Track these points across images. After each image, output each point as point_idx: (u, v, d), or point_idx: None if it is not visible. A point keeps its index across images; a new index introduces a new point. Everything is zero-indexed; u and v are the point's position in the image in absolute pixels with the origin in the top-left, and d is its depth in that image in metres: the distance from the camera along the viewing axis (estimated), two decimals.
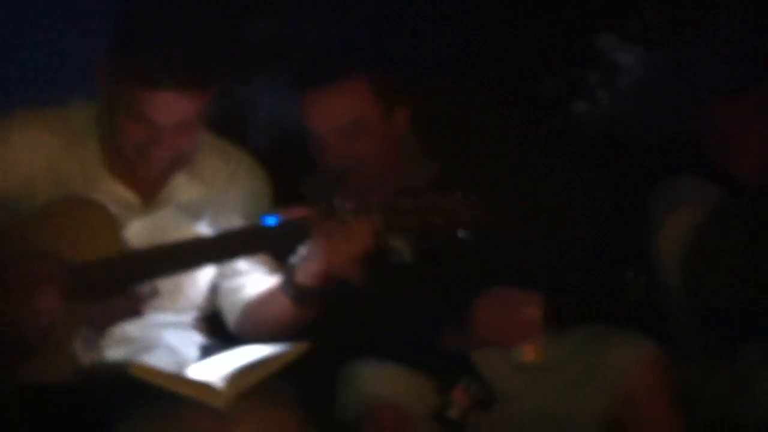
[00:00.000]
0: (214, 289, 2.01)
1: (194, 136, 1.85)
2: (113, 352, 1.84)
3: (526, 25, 2.75)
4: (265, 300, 1.92)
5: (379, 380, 1.81)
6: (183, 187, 1.93)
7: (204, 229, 1.94)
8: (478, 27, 2.66)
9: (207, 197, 1.96)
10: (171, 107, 1.74)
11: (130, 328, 1.85)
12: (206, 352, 1.93)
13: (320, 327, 1.87)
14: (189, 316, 1.98)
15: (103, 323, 1.74)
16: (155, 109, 1.73)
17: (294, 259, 1.82)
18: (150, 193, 1.91)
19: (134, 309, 1.74)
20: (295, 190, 2.07)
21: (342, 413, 1.80)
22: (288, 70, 2.47)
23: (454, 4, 2.64)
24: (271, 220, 1.77)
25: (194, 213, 1.94)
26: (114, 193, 1.87)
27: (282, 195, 2.05)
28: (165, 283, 1.78)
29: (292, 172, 2.13)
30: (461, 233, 1.75)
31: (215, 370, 1.66)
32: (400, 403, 1.77)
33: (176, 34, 1.73)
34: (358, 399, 1.78)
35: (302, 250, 1.79)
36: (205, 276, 1.96)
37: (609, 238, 2.49)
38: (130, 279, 1.71)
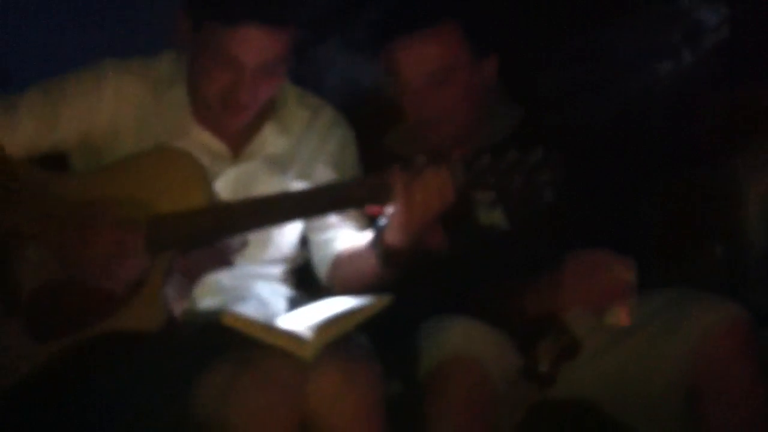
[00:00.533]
0: (305, 242, 2.03)
1: (277, 84, 1.86)
2: (205, 302, 1.87)
3: None
4: (354, 256, 1.93)
5: (462, 335, 1.79)
6: (271, 139, 1.94)
7: (292, 181, 1.96)
8: None
9: (294, 149, 1.96)
10: (254, 44, 1.74)
11: (222, 278, 1.87)
12: (295, 304, 1.94)
13: (406, 281, 1.86)
14: (278, 268, 2.00)
15: (194, 273, 1.76)
16: (239, 47, 1.74)
17: (382, 220, 1.81)
18: (238, 144, 1.92)
19: (225, 260, 1.76)
20: (372, 148, 2.08)
21: (424, 366, 1.79)
22: (362, 26, 2.47)
23: None
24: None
25: (282, 165, 1.95)
26: (202, 143, 1.88)
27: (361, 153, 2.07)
28: (255, 235, 1.79)
29: (369, 131, 2.15)
30: (544, 193, 1.73)
31: (302, 321, 1.67)
32: (481, 358, 1.76)
33: None
34: (440, 353, 1.77)
35: (389, 209, 1.78)
36: (294, 228, 1.98)
37: (690, 201, 2.45)
38: (221, 231, 1.73)
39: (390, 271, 1.84)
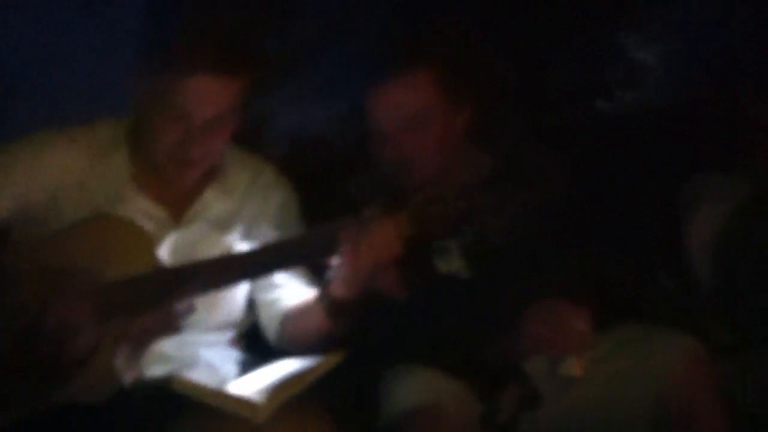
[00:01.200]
0: (252, 303, 2.01)
1: (226, 137, 1.85)
2: (153, 370, 1.83)
3: (549, 22, 2.74)
4: (301, 312, 1.91)
5: (424, 385, 1.80)
6: (213, 202, 1.92)
7: (235, 242, 1.94)
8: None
9: (236, 210, 1.95)
10: (206, 95, 1.73)
11: (169, 345, 1.84)
12: (245, 367, 1.92)
13: (363, 332, 1.86)
14: (227, 333, 1.97)
15: (141, 340, 1.73)
16: (191, 98, 1.73)
17: (329, 272, 1.81)
18: (179, 208, 1.90)
19: (171, 325, 1.73)
20: (319, 200, 2.08)
21: (386, 416, 1.79)
22: (304, 78, 2.49)
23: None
24: None
25: (224, 227, 1.93)
26: (143, 209, 1.86)
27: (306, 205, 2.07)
28: (202, 300, 1.76)
29: (313, 182, 2.15)
30: (492, 238, 1.75)
31: (253, 384, 1.65)
32: (443, 407, 1.76)
33: (208, 24, 1.74)
34: (402, 404, 1.77)
35: (335, 260, 1.78)
36: (241, 291, 1.95)
37: (640, 236, 2.48)
38: (167, 296, 1.70)
39: (339, 323, 1.82)
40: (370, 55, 2.10)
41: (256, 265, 1.75)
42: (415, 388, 1.80)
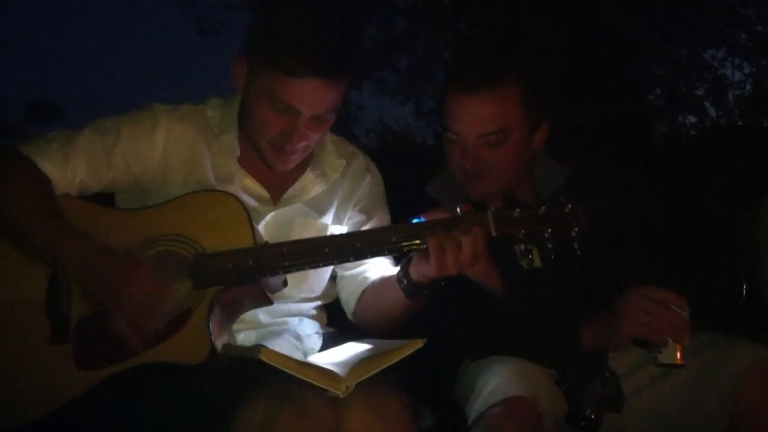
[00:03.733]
0: (336, 278, 2.04)
1: (325, 131, 1.89)
2: (242, 337, 1.89)
3: (635, 35, 2.71)
4: (382, 287, 1.94)
5: (520, 376, 1.78)
6: (309, 185, 1.96)
7: (327, 225, 1.98)
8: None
9: (330, 194, 1.99)
10: (312, 95, 1.78)
11: (259, 314, 1.89)
12: (328, 340, 1.96)
13: (448, 321, 1.87)
14: (313, 305, 2.01)
15: (234, 310, 1.78)
16: (297, 97, 1.78)
17: (412, 255, 1.82)
18: (279, 189, 1.95)
19: (264, 298, 1.77)
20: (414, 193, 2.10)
21: (479, 403, 1.78)
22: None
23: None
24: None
25: (318, 209, 1.98)
26: (246, 187, 1.91)
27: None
28: (292, 274, 1.80)
29: (413, 177, 2.16)
30: (573, 244, 1.73)
31: (336, 360, 1.68)
32: (536, 399, 1.74)
33: (314, 28, 1.77)
34: (498, 392, 1.76)
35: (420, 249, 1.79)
36: (327, 267, 1.98)
37: (715, 248, 2.44)
38: (263, 270, 1.74)
39: (414, 303, 1.85)
40: (455, 62, 2.08)
41: (347, 251, 1.77)
42: (511, 378, 1.78)
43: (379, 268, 1.98)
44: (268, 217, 1.92)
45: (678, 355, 1.73)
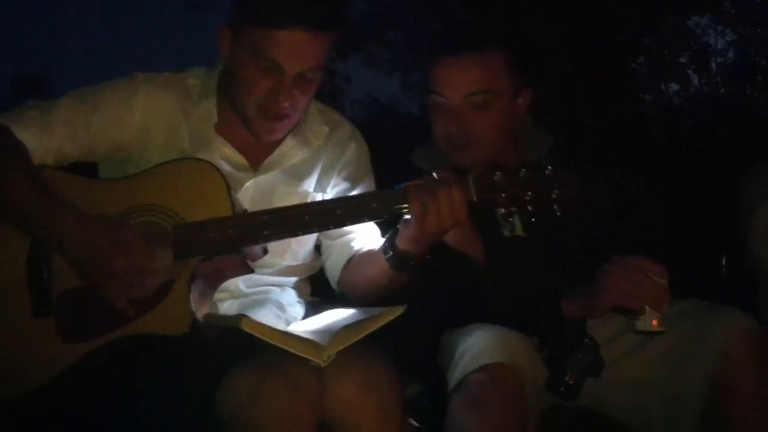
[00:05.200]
0: (321, 247, 2.02)
1: (312, 94, 1.86)
2: (225, 306, 1.87)
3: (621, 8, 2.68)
4: (368, 257, 1.92)
5: (502, 343, 1.77)
6: (290, 152, 1.93)
7: (310, 191, 1.95)
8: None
9: (312, 161, 1.96)
10: (296, 49, 1.76)
11: (241, 283, 1.87)
12: (311, 309, 1.94)
13: (424, 291, 1.86)
14: (295, 275, 1.99)
15: (215, 279, 1.75)
16: (281, 51, 1.75)
17: (397, 226, 1.80)
18: (259, 156, 1.92)
19: (246, 266, 1.74)
20: (398, 162, 2.08)
21: (460, 370, 1.77)
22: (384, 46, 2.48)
23: None
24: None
25: (300, 176, 1.94)
26: (224, 155, 1.88)
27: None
28: (274, 243, 1.77)
29: (396, 145, 2.14)
30: (554, 207, 1.71)
31: (317, 328, 1.66)
32: (518, 366, 1.74)
33: None
34: (479, 358, 1.75)
35: (404, 217, 1.77)
36: (311, 236, 1.96)
37: (701, 221, 2.42)
38: (244, 239, 1.71)
39: (400, 276, 1.83)
40: (442, 30, 2.08)
41: (328, 217, 1.74)
42: (493, 345, 1.77)
43: (366, 236, 1.96)
44: (248, 184, 1.89)
45: (656, 322, 1.73)
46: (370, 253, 1.92)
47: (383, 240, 1.86)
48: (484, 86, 1.94)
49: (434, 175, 1.73)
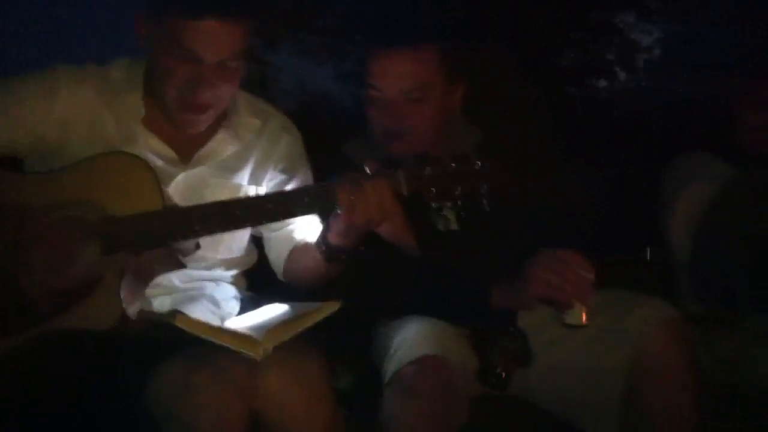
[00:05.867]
0: (259, 241, 2.01)
1: (234, 86, 1.84)
2: (158, 302, 1.84)
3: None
4: (304, 249, 1.93)
5: (431, 335, 1.80)
6: (222, 145, 1.91)
7: (242, 186, 1.93)
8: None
9: (244, 154, 1.94)
10: (212, 37, 1.73)
11: (174, 278, 1.85)
12: (246, 305, 1.93)
13: (359, 285, 1.87)
14: (230, 270, 1.97)
15: (146, 274, 1.73)
16: (197, 41, 1.72)
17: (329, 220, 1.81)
18: (189, 150, 1.89)
19: (176, 261, 1.73)
20: (329, 154, 2.08)
21: (393, 363, 1.79)
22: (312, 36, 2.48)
23: None
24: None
25: (232, 169, 1.93)
26: (153, 148, 1.85)
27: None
28: (207, 238, 1.75)
29: (328, 138, 2.15)
30: (482, 201, 1.74)
31: (253, 323, 1.66)
32: (448, 358, 1.76)
33: None
34: (411, 351, 1.77)
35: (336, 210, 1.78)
36: (245, 231, 1.95)
37: (622, 210, 2.49)
38: (174, 234, 1.69)
39: (334, 267, 1.85)
40: (377, 21, 2.09)
41: (259, 212, 1.74)
42: (420, 338, 1.79)
43: (306, 227, 1.96)
44: (179, 178, 1.86)
45: (583, 315, 1.77)
46: (307, 245, 1.93)
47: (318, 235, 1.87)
48: (420, 80, 1.96)
49: (365, 167, 1.74)
